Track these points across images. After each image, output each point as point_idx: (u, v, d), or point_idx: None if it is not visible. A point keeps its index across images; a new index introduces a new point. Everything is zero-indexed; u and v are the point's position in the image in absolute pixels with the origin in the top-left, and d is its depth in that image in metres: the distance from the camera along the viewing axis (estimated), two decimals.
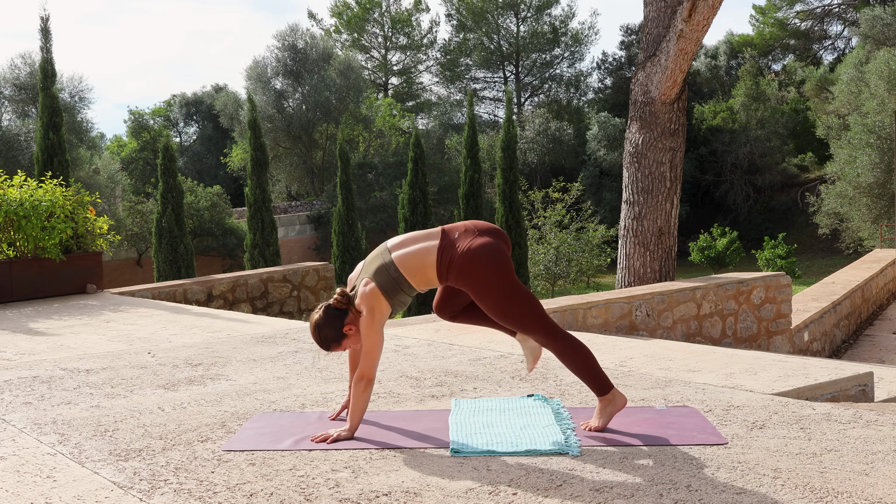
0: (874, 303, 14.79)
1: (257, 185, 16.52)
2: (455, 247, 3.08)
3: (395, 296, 3.10)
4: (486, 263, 3.03)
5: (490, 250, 3.05)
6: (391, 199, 32.70)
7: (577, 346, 3.08)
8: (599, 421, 3.12)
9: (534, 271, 23.18)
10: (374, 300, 3.06)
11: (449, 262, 3.06)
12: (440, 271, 3.08)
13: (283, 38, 38.03)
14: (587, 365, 3.09)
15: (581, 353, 3.08)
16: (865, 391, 4.26)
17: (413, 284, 3.11)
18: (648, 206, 9.72)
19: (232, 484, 2.66)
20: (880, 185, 25.87)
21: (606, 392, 3.11)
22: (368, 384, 3.07)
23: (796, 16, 43.01)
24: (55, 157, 12.72)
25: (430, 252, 3.09)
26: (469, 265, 3.03)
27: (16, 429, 3.43)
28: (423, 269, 3.09)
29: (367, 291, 3.08)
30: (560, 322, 6.69)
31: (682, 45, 9.28)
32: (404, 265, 3.10)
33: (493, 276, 3.03)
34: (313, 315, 3.17)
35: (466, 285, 3.07)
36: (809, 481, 2.54)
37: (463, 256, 3.05)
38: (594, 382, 3.10)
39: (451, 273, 3.07)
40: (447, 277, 3.09)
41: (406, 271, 3.09)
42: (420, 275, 3.10)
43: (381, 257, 3.16)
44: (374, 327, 3.05)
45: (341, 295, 3.14)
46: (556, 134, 37.32)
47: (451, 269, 3.06)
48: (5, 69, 30.05)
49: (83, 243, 9.04)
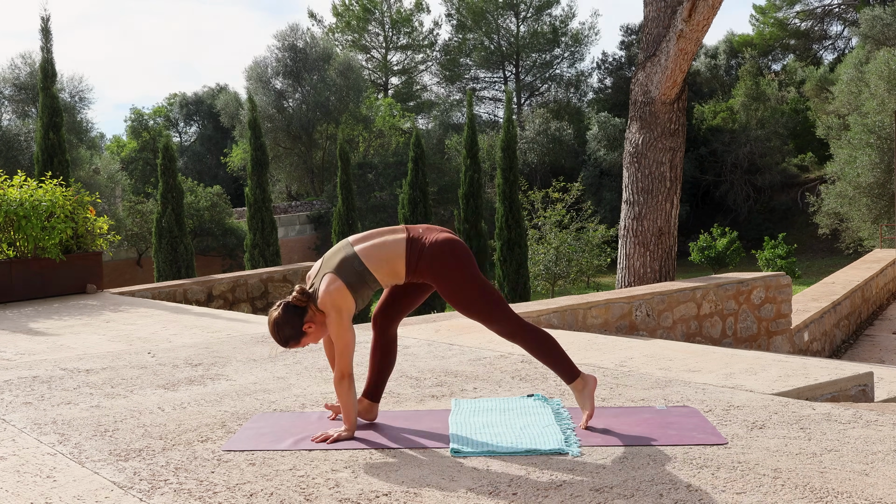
0: (874, 303, 14.79)
1: (257, 185, 16.52)
2: (423, 238, 3.12)
3: (359, 290, 3.09)
4: (457, 254, 3.10)
5: (459, 243, 3.14)
6: (391, 199, 32.70)
7: (543, 335, 3.15)
8: (587, 406, 3.16)
9: (534, 271, 23.17)
10: (341, 298, 3.04)
11: (420, 251, 3.09)
12: (409, 261, 3.09)
13: (284, 38, 38.04)
14: (555, 353, 3.15)
15: (548, 342, 3.15)
16: (865, 391, 4.26)
17: (378, 278, 3.10)
18: (648, 206, 9.72)
19: (232, 484, 2.66)
20: (880, 185, 25.87)
21: (575, 378, 3.17)
22: (350, 381, 3.07)
23: (796, 16, 43.02)
24: (55, 157, 12.72)
25: (398, 243, 3.11)
26: (440, 254, 3.07)
27: (16, 429, 3.43)
28: (390, 261, 3.09)
29: (332, 290, 3.05)
30: (560, 322, 6.70)
31: (682, 45, 9.28)
32: (369, 257, 3.10)
33: (465, 267, 3.09)
34: (272, 312, 3.13)
35: (436, 275, 3.08)
36: (809, 481, 2.54)
37: (434, 245, 3.08)
38: (563, 370, 3.17)
39: (421, 262, 3.08)
40: (416, 267, 3.09)
41: (371, 263, 3.09)
42: (387, 266, 3.09)
43: (343, 251, 3.14)
44: (344, 326, 3.04)
45: (300, 292, 3.11)
46: (556, 134, 37.33)
47: (422, 258, 3.08)
48: (5, 69, 30.07)
49: (83, 243, 9.04)
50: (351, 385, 3.07)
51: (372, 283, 3.11)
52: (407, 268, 3.09)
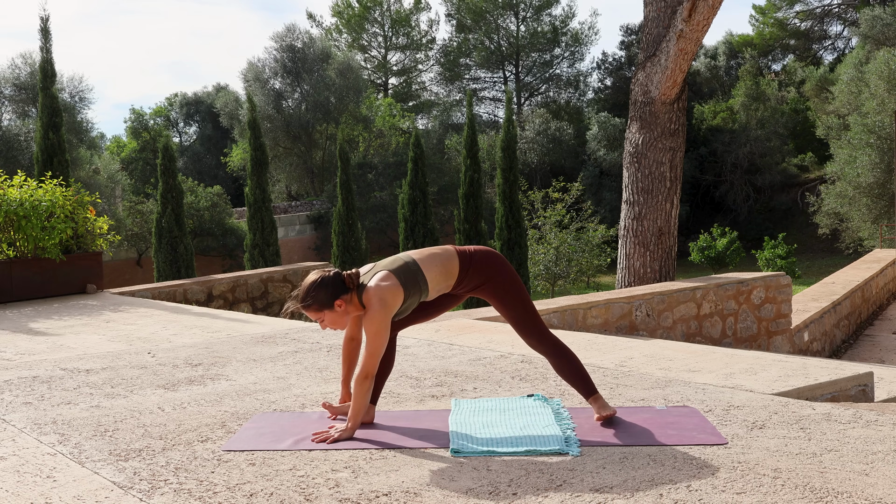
0: (874, 303, 14.78)
1: (257, 185, 16.51)
2: (468, 248, 3.31)
3: (409, 293, 3.14)
4: (503, 260, 3.31)
5: (501, 255, 3.35)
6: (391, 199, 32.69)
7: (567, 350, 3.28)
8: (608, 409, 3.23)
9: (534, 271, 23.17)
10: (391, 295, 3.08)
11: (471, 254, 3.26)
12: (462, 262, 3.23)
13: (281, 39, 38.02)
14: (578, 368, 3.27)
15: (572, 357, 3.28)
16: (865, 391, 4.26)
17: (429, 279, 3.17)
18: (648, 206, 9.72)
19: (232, 484, 2.66)
20: (880, 185, 25.87)
21: (594, 392, 3.27)
22: (372, 382, 3.11)
23: (796, 16, 43.01)
24: (55, 157, 12.71)
25: (449, 250, 3.27)
26: (492, 256, 3.27)
27: (16, 429, 3.43)
28: (444, 263, 3.21)
29: (384, 285, 3.09)
30: (560, 322, 6.70)
31: (682, 45, 9.27)
32: (423, 259, 3.21)
33: (511, 273, 3.28)
34: (319, 272, 3.15)
35: (487, 278, 3.23)
36: (809, 481, 2.54)
37: (483, 251, 3.30)
38: (584, 384, 3.26)
39: (473, 263, 3.23)
40: (469, 266, 3.22)
41: (425, 265, 3.19)
42: (441, 268, 3.20)
43: (399, 256, 3.24)
44: (384, 324, 3.06)
45: (353, 274, 3.17)
46: (555, 134, 37.32)
47: (475, 260, 3.24)
48: (5, 69, 30.06)
49: (83, 243, 9.04)
50: (371, 386, 3.11)
51: (423, 287, 3.17)
52: (461, 268, 3.22)
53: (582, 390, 3.25)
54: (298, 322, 6.51)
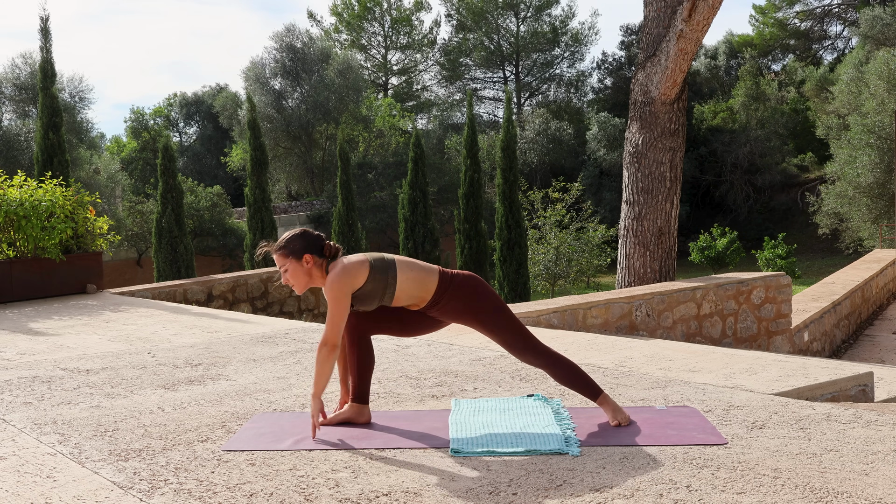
0: (874, 303, 14.78)
1: (257, 185, 16.52)
2: (452, 272, 3.30)
3: (376, 278, 3.14)
4: (485, 286, 3.29)
5: (482, 280, 3.33)
6: (391, 199, 32.69)
7: (563, 358, 3.27)
8: (621, 416, 3.20)
9: (534, 271, 23.17)
10: (355, 267, 3.13)
11: (451, 277, 3.24)
12: (441, 285, 3.21)
13: (281, 39, 38.02)
14: (578, 373, 3.25)
15: (569, 363, 3.26)
16: (865, 391, 4.26)
17: (399, 282, 3.17)
18: (648, 206, 9.72)
19: (232, 484, 2.66)
20: (880, 185, 25.87)
21: (600, 393, 3.24)
22: (332, 350, 3.09)
23: (796, 16, 43.01)
24: (55, 157, 12.73)
25: (434, 270, 3.26)
26: (472, 284, 3.25)
27: (16, 429, 3.43)
28: (422, 276, 3.21)
29: (352, 259, 3.17)
30: (560, 322, 6.70)
31: (682, 45, 9.28)
32: (402, 264, 3.22)
33: (492, 297, 3.26)
34: (305, 228, 3.24)
35: (467, 305, 3.21)
36: (809, 481, 2.54)
37: (464, 275, 3.27)
38: (588, 388, 3.24)
39: (451, 288, 3.21)
40: (444, 292, 3.21)
41: (402, 269, 3.19)
42: (416, 278, 3.20)
43: (383, 254, 3.26)
44: (343, 292, 3.09)
45: (335, 247, 3.21)
46: (555, 134, 37.32)
47: (453, 285, 3.22)
48: (5, 69, 30.07)
49: (83, 243, 9.04)
50: (331, 354, 3.09)
51: (391, 283, 3.17)
52: (439, 286, 3.21)
53: (587, 393, 3.23)
54: (298, 322, 6.52)
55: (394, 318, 3.34)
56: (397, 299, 3.21)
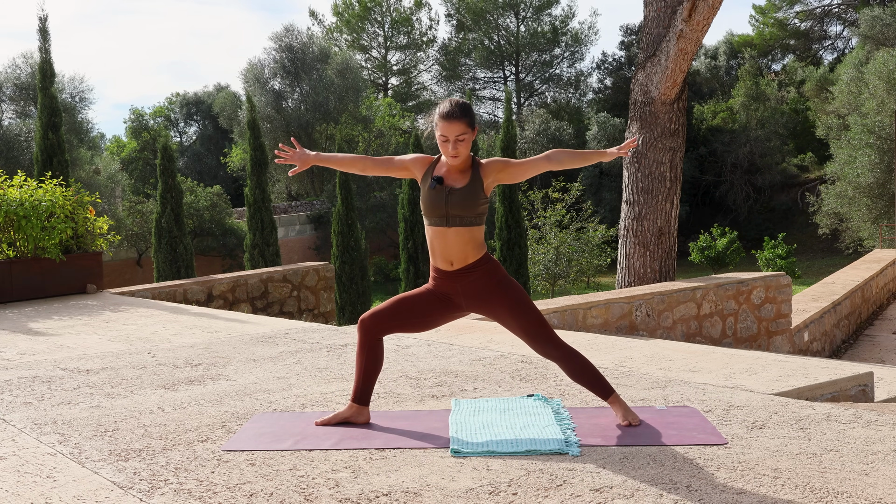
0: (874, 303, 14.78)
1: (257, 185, 16.51)
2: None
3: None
4: (512, 280, 3.29)
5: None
6: (391, 199, 32.69)
7: (579, 354, 3.25)
8: (631, 417, 3.20)
9: (534, 271, 23.16)
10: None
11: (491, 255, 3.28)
12: (486, 253, 3.25)
13: (280, 39, 38.00)
14: (593, 371, 3.23)
15: (585, 360, 3.24)
16: (865, 391, 4.26)
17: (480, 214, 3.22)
18: (648, 206, 9.72)
19: (232, 484, 2.66)
20: (880, 185, 25.87)
21: (612, 393, 3.23)
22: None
23: (796, 16, 43.00)
24: (55, 157, 12.72)
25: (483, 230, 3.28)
26: (502, 268, 3.27)
27: (16, 429, 3.43)
28: (482, 233, 3.22)
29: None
30: (560, 322, 6.70)
31: (682, 45, 9.28)
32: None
33: (519, 285, 3.29)
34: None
35: (499, 277, 3.22)
36: (809, 481, 2.54)
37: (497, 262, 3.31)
38: (601, 386, 3.22)
39: (490, 261, 3.24)
40: (487, 261, 3.24)
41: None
42: (482, 232, 3.21)
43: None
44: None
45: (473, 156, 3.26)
46: (555, 134, 37.30)
47: (492, 260, 3.25)
48: (6, 69, 30.06)
49: (83, 243, 9.04)
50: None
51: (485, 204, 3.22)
52: (485, 254, 3.22)
53: (599, 392, 3.22)
54: (298, 322, 6.52)
55: (417, 316, 3.31)
56: (424, 206, 3.22)
